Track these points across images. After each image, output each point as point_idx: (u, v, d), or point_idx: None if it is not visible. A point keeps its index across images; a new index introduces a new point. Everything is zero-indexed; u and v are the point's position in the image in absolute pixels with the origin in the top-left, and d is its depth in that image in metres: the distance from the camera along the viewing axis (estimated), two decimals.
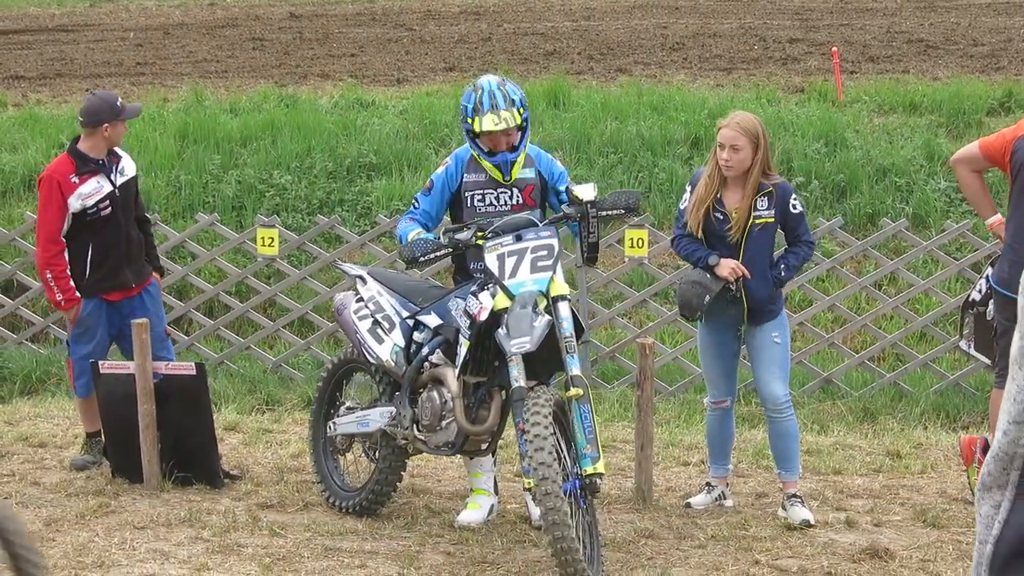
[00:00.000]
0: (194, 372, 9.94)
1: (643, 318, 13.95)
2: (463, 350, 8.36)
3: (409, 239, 8.59)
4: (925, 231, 14.44)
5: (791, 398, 9.19)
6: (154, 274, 10.70)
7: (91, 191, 10.17)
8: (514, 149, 8.76)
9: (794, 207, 9.00)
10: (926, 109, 17.54)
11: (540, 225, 8.42)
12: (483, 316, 8.18)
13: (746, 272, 8.85)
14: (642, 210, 8.69)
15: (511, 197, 8.82)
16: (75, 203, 10.13)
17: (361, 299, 9.23)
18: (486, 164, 8.76)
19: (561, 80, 18.95)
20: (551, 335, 8.06)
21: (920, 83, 19.07)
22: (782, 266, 9.03)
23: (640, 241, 12.96)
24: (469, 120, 8.68)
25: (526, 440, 7.70)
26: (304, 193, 15.82)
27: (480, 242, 8.43)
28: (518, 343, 7.89)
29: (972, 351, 10.01)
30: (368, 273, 9.42)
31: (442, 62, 22.22)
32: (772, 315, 9.04)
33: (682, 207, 9.16)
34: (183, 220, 15.36)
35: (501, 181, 8.80)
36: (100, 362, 10.18)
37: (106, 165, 10.27)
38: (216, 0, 31.62)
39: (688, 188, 9.14)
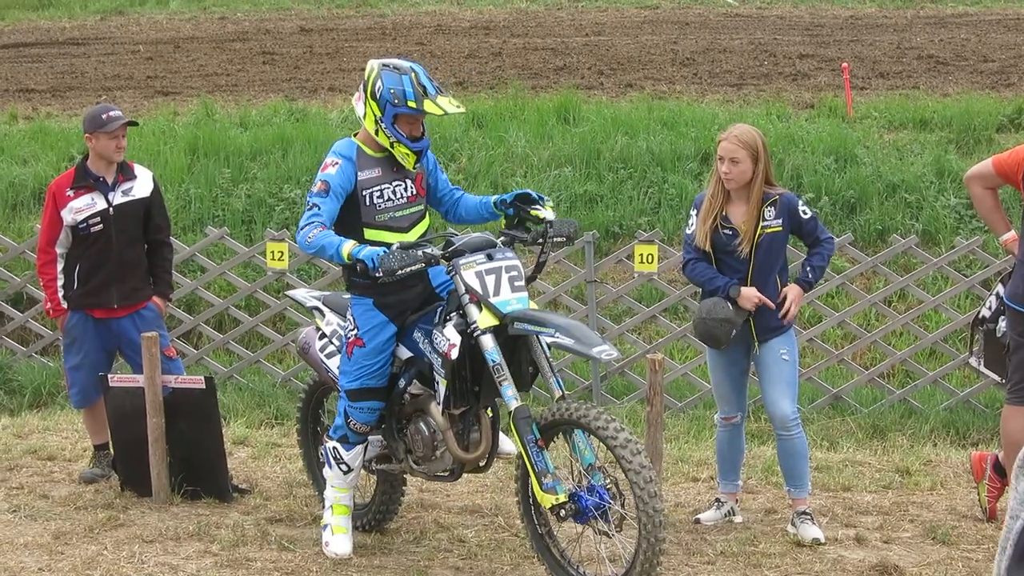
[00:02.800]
0: (203, 386, 9.95)
1: (652, 334, 13.94)
2: (441, 388, 8.29)
3: (390, 250, 8.03)
4: (935, 248, 14.43)
5: (800, 415, 9.18)
6: (154, 298, 10.55)
7: (82, 206, 10.19)
8: (423, 137, 8.60)
9: (804, 212, 9.04)
10: (936, 125, 17.52)
11: (499, 246, 8.30)
12: (454, 354, 8.06)
13: (768, 302, 8.89)
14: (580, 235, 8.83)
15: (406, 189, 8.62)
16: (67, 216, 10.19)
17: (324, 335, 9.20)
18: (402, 150, 8.44)
19: (571, 95, 18.95)
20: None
21: (930, 99, 19.05)
22: (808, 269, 9.08)
23: (650, 257, 12.95)
24: (412, 104, 8.31)
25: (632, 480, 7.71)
26: None
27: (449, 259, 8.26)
28: (599, 351, 7.84)
29: (982, 368, 9.98)
30: (323, 304, 9.36)
31: (452, 77, 22.22)
32: (780, 331, 9.04)
33: (688, 232, 9.17)
34: (193, 234, 15.39)
35: (397, 172, 8.55)
36: (109, 376, 10.20)
37: (105, 182, 10.27)
38: (227, 14, 31.66)
39: (693, 212, 9.16)
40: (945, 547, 8.93)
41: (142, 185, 10.43)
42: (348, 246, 8.09)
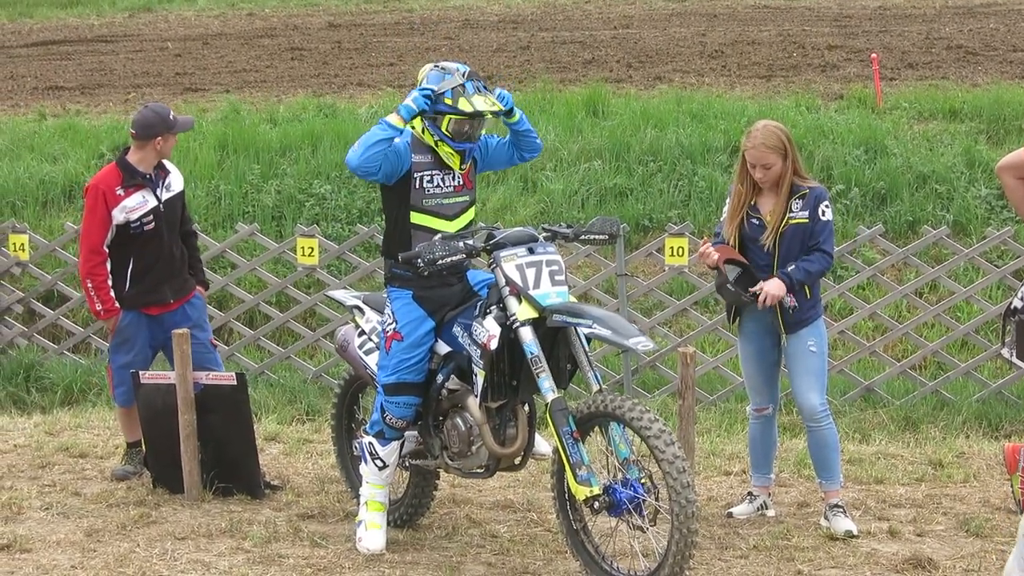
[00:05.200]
0: (235, 382, 9.95)
1: (684, 327, 13.91)
2: (480, 380, 8.32)
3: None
4: (966, 238, 14.38)
5: (829, 407, 9.14)
6: (198, 288, 10.67)
7: (135, 205, 10.16)
8: (474, 140, 8.70)
9: (823, 213, 8.93)
10: (966, 116, 17.45)
11: (541, 241, 8.36)
12: (493, 345, 8.12)
13: (712, 252, 8.91)
14: (624, 234, 8.76)
15: (453, 178, 8.70)
16: (119, 216, 10.12)
17: (363, 332, 9.22)
18: (445, 149, 8.58)
19: (600, 88, 18.93)
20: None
21: (960, 89, 18.98)
22: (792, 267, 8.87)
23: (680, 250, 12.93)
24: (448, 100, 8.45)
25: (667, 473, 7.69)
26: (344, 203, 15.86)
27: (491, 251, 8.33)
28: (635, 342, 7.91)
29: (1014, 359, 9.90)
30: (363, 302, 9.39)
31: (480, 71, 22.18)
32: (807, 322, 9.00)
33: (722, 218, 9.23)
34: (223, 230, 15.41)
35: (452, 167, 8.68)
36: (141, 372, 10.20)
37: (153, 180, 10.27)
38: (255, 10, 31.71)
39: (728, 200, 9.18)
40: (979, 540, 8.89)
41: (176, 179, 10.51)
42: (393, 115, 8.45)
